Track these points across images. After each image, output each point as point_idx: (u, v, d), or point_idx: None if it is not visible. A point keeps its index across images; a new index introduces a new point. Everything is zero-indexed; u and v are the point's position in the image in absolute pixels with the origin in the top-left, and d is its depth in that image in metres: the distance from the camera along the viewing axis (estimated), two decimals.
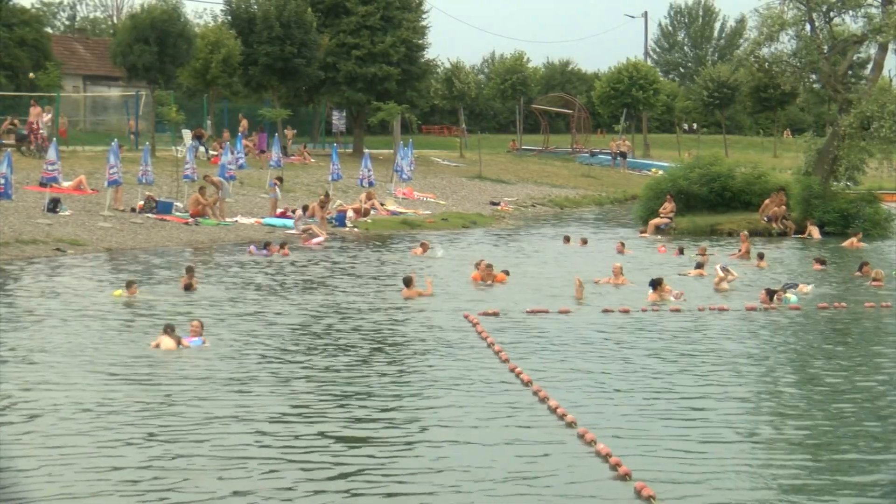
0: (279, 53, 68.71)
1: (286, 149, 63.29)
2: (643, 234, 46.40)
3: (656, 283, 28.32)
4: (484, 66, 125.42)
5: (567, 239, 42.16)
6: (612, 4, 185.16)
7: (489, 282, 30.54)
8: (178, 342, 20.92)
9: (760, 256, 35.98)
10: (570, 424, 15.88)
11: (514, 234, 46.48)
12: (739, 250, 38.02)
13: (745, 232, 41.21)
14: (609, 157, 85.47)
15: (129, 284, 27.15)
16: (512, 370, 19.39)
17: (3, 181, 36.10)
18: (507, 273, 31.50)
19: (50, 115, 57.33)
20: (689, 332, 24.04)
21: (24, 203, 40.54)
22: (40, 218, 39.09)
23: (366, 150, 59.01)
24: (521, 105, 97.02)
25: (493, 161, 76.31)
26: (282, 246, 36.88)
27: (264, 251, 36.40)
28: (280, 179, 48.93)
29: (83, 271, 32.16)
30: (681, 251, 38.63)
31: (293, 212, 44.74)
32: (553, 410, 16.63)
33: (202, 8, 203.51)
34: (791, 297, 27.78)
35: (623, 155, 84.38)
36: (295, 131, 72.46)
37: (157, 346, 20.93)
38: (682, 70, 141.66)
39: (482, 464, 14.33)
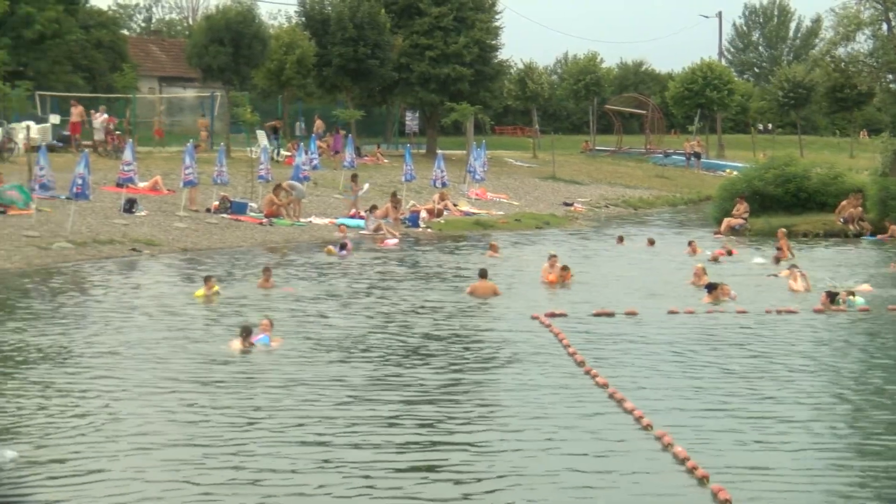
0: (353, 54, 68.94)
1: (360, 149, 63.47)
2: (718, 235, 46.10)
3: (712, 287, 28.16)
4: (557, 67, 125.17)
5: (620, 239, 42.04)
6: (687, 4, 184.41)
7: (564, 280, 30.53)
8: (248, 344, 20.99)
9: (777, 260, 35.68)
10: (647, 427, 15.80)
11: (587, 235, 46.33)
12: (779, 249, 37.57)
13: (783, 229, 40.78)
14: (683, 158, 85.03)
15: (206, 279, 27.45)
16: (587, 372, 19.32)
17: (80, 182, 36.42)
18: (567, 269, 31.31)
19: (105, 116, 57.79)
20: (758, 335, 23.80)
21: (101, 203, 40.94)
22: (117, 218, 39.47)
23: (439, 151, 58.94)
24: (594, 105, 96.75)
25: (567, 162, 76.12)
26: (343, 247, 37.10)
27: (342, 251, 36.60)
28: (354, 177, 49.14)
29: (159, 271, 32.47)
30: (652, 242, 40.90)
31: (366, 212, 44.85)
32: (629, 413, 16.58)
33: (276, 9, 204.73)
34: (858, 299, 27.44)
35: (697, 155, 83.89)
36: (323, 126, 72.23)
37: (231, 346, 21.09)
38: (756, 70, 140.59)
39: (557, 466, 14.31)
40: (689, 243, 39.33)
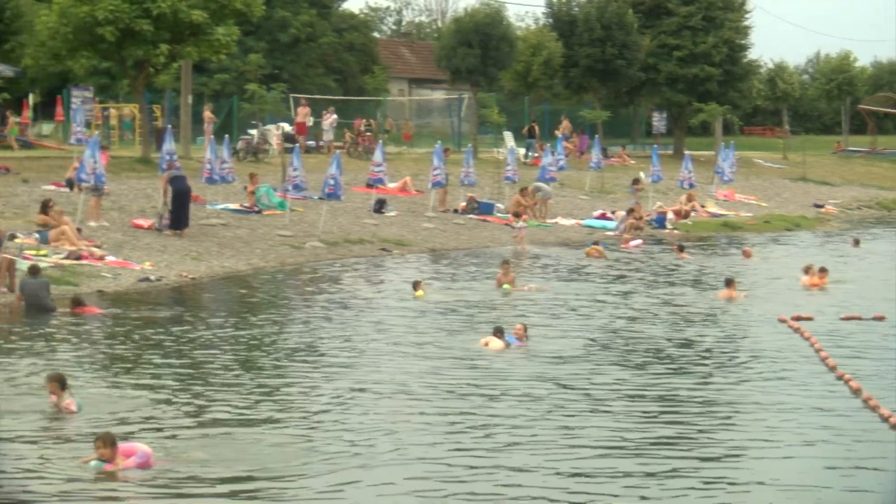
0: (600, 55, 68.80)
1: (606, 150, 63.35)
2: None
3: None
4: (808, 66, 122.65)
5: (856, 242, 41.08)
6: None
7: (822, 283, 29.96)
8: (506, 344, 21.11)
9: None
10: None
11: (839, 238, 45.32)
12: None
13: None
14: None
15: (415, 285, 27.58)
16: (840, 377, 18.90)
17: (332, 182, 37.15)
18: (825, 271, 30.69)
19: (335, 116, 58.62)
20: None
21: (351, 204, 41.71)
22: (367, 218, 40.22)
23: (686, 152, 58.50)
24: (847, 105, 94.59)
25: (818, 162, 74.60)
26: (595, 243, 37.22)
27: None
28: (636, 181, 49.29)
29: (409, 270, 32.97)
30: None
31: (612, 213, 44.73)
32: (885, 419, 16.16)
33: (524, 11, 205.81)
34: None
35: None
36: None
37: (486, 344, 21.18)
38: None
39: (808, 470, 14.15)
40: None
